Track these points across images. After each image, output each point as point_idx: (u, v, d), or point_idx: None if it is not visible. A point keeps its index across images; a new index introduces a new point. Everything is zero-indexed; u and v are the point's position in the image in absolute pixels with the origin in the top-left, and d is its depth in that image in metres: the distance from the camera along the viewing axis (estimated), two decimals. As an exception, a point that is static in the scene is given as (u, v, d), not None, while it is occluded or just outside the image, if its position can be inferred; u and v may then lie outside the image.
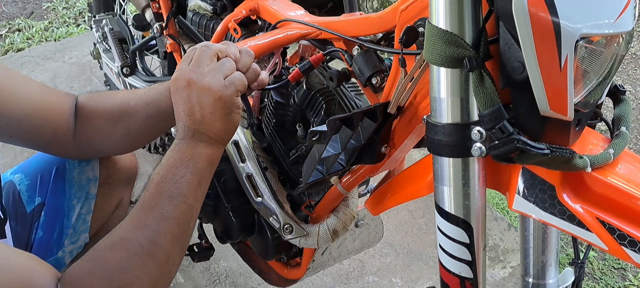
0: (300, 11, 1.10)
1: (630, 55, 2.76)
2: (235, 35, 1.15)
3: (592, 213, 0.60)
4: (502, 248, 1.74)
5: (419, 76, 0.71)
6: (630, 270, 1.68)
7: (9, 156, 2.03)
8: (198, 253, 1.29)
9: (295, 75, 0.93)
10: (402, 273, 1.65)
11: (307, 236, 1.01)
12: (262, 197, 1.02)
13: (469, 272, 0.69)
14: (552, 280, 0.78)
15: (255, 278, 1.55)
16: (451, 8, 0.57)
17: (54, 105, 0.94)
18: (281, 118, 1.02)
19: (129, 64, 1.77)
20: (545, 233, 0.75)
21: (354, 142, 0.80)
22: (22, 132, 0.90)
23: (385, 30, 0.83)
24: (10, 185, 1.05)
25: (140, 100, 0.95)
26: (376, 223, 1.18)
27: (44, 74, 2.70)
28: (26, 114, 0.89)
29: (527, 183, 0.65)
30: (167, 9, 1.51)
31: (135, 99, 0.96)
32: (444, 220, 0.67)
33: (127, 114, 0.96)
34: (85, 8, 3.43)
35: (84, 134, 0.97)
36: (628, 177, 0.61)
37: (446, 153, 0.64)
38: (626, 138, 0.66)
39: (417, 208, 1.86)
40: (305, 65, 0.92)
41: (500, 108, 0.57)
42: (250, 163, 1.03)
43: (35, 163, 1.07)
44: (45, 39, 3.14)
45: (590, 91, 0.59)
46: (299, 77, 0.94)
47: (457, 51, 0.57)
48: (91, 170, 1.08)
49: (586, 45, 0.55)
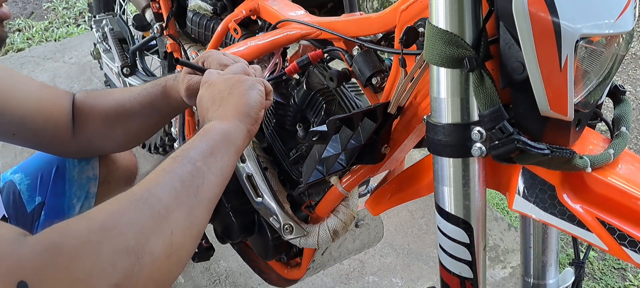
0: (301, 11, 1.10)
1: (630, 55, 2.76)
2: (235, 36, 1.15)
3: (592, 213, 0.60)
4: (502, 249, 1.74)
5: (419, 76, 0.71)
6: (630, 270, 1.68)
7: (9, 156, 2.03)
8: (198, 254, 1.29)
9: (292, 69, 0.93)
10: (402, 274, 1.65)
11: (307, 236, 1.01)
12: (262, 197, 1.02)
13: (469, 272, 0.69)
14: (552, 280, 0.78)
15: (255, 279, 1.55)
16: (451, 8, 0.57)
17: (54, 103, 0.95)
18: (281, 118, 1.02)
19: (129, 64, 1.78)
20: (546, 234, 0.75)
21: (354, 142, 0.80)
22: (23, 130, 0.91)
23: (385, 30, 0.83)
24: (10, 184, 1.05)
25: (135, 102, 0.96)
26: (376, 223, 1.18)
27: (44, 74, 2.70)
28: (27, 112, 0.90)
29: (527, 184, 0.65)
30: (167, 9, 1.51)
31: (130, 101, 0.96)
32: (444, 220, 0.67)
33: (123, 116, 0.96)
34: (86, 8, 3.43)
35: (83, 133, 0.98)
36: (628, 177, 0.61)
37: (446, 154, 0.64)
38: (626, 138, 0.66)
39: (417, 208, 1.86)
40: (303, 60, 0.92)
41: (500, 108, 0.57)
42: (251, 164, 1.03)
43: (35, 163, 1.08)
44: (45, 39, 3.13)
45: (590, 91, 0.59)
46: (295, 70, 0.94)
47: (457, 51, 0.57)
48: (91, 169, 1.08)
49: (586, 45, 0.55)
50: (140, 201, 0.59)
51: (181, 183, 0.63)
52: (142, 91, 0.96)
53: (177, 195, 0.62)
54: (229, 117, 0.74)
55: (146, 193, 0.60)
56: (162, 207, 0.60)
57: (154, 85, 0.96)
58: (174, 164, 0.64)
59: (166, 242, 0.58)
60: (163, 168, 0.64)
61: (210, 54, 0.90)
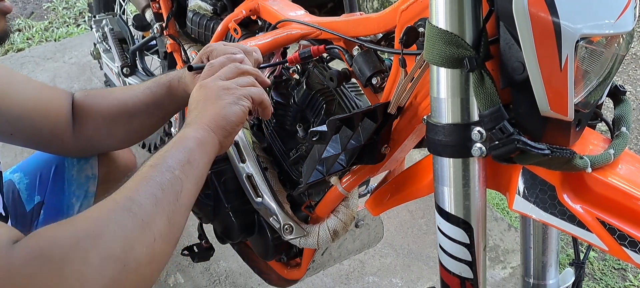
0: (301, 11, 1.10)
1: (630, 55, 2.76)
2: (235, 36, 1.15)
3: (593, 213, 0.60)
4: (502, 249, 1.74)
5: (419, 76, 0.71)
6: (630, 270, 1.67)
7: (9, 156, 2.03)
8: (198, 254, 1.29)
9: (293, 59, 0.94)
10: (402, 274, 1.65)
11: (307, 236, 1.01)
12: (262, 197, 1.02)
13: (469, 273, 0.69)
14: (552, 280, 0.78)
15: (255, 279, 1.55)
16: (451, 8, 0.57)
17: (54, 102, 0.95)
18: (281, 118, 1.02)
19: (129, 64, 1.78)
20: (546, 234, 0.75)
21: (354, 142, 0.80)
22: (22, 130, 0.91)
23: (385, 30, 0.83)
24: (9, 184, 1.05)
25: (138, 101, 0.96)
26: (376, 223, 1.18)
27: (44, 74, 2.70)
28: (26, 111, 0.90)
29: (528, 184, 0.65)
30: (167, 9, 1.51)
31: (133, 100, 0.96)
32: (444, 221, 0.67)
33: (126, 114, 0.96)
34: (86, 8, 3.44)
35: (83, 132, 0.98)
36: (628, 178, 0.60)
37: (446, 154, 0.64)
38: (626, 138, 0.66)
39: (417, 208, 1.86)
40: (305, 53, 0.92)
41: (500, 108, 0.57)
42: (251, 164, 1.03)
43: (34, 162, 1.08)
44: (45, 39, 3.14)
45: (590, 91, 0.59)
46: (296, 61, 0.94)
47: (458, 51, 0.57)
48: (90, 168, 1.08)
49: (586, 45, 0.55)
50: (124, 209, 0.60)
51: (162, 191, 0.64)
52: (145, 90, 0.96)
53: (158, 203, 0.63)
54: (203, 124, 0.74)
55: (128, 202, 0.61)
56: (145, 215, 0.61)
57: (157, 84, 0.96)
58: (153, 172, 0.66)
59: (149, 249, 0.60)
60: (142, 175, 0.65)
61: (214, 47, 0.90)
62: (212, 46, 0.92)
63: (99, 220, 0.59)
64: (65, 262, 0.54)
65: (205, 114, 0.75)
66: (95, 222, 0.58)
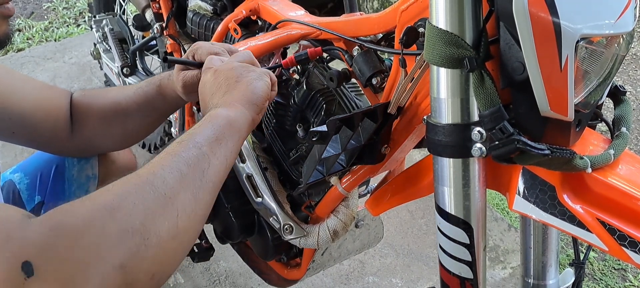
0: (301, 11, 1.10)
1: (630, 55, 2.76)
2: (235, 36, 1.15)
3: (593, 213, 0.60)
4: (502, 249, 1.74)
5: (419, 76, 0.71)
6: (630, 270, 1.67)
7: (9, 156, 2.03)
8: (198, 254, 1.29)
9: (288, 62, 0.93)
10: (402, 274, 1.65)
11: (307, 236, 1.01)
12: (262, 197, 1.02)
13: (469, 273, 0.69)
14: (552, 280, 0.78)
15: (255, 279, 1.55)
16: (451, 8, 0.57)
17: (53, 101, 0.95)
18: (281, 118, 1.02)
19: (129, 64, 1.78)
20: (546, 234, 0.75)
21: (354, 142, 0.80)
22: (22, 129, 0.91)
23: (385, 30, 0.83)
24: (10, 184, 1.05)
25: (131, 101, 0.97)
26: (376, 223, 1.18)
27: (44, 74, 2.70)
28: (27, 110, 0.90)
29: (528, 184, 0.65)
30: (167, 9, 1.51)
31: (126, 100, 0.97)
32: (444, 221, 0.67)
33: (120, 114, 0.97)
34: (86, 8, 3.43)
35: (81, 132, 0.98)
36: (628, 178, 0.60)
37: (446, 154, 0.64)
38: (626, 138, 0.66)
39: (417, 208, 1.86)
40: (301, 55, 0.92)
41: (500, 108, 0.57)
42: (250, 164, 1.03)
43: (34, 162, 1.08)
44: (45, 39, 3.14)
45: (590, 92, 0.59)
46: (292, 64, 0.94)
47: (458, 51, 0.57)
48: (90, 168, 1.08)
49: (587, 45, 0.55)
50: (146, 183, 0.59)
51: (187, 167, 0.62)
52: (137, 90, 0.97)
53: (183, 178, 0.61)
54: (234, 104, 0.73)
55: (151, 176, 0.60)
56: (168, 189, 0.59)
57: (148, 83, 0.97)
58: (179, 148, 0.64)
59: (172, 224, 0.58)
60: (169, 151, 0.64)
61: (200, 45, 0.90)
62: (198, 44, 0.91)
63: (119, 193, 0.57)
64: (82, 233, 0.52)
65: (233, 93, 0.75)
66: (115, 195, 0.56)
